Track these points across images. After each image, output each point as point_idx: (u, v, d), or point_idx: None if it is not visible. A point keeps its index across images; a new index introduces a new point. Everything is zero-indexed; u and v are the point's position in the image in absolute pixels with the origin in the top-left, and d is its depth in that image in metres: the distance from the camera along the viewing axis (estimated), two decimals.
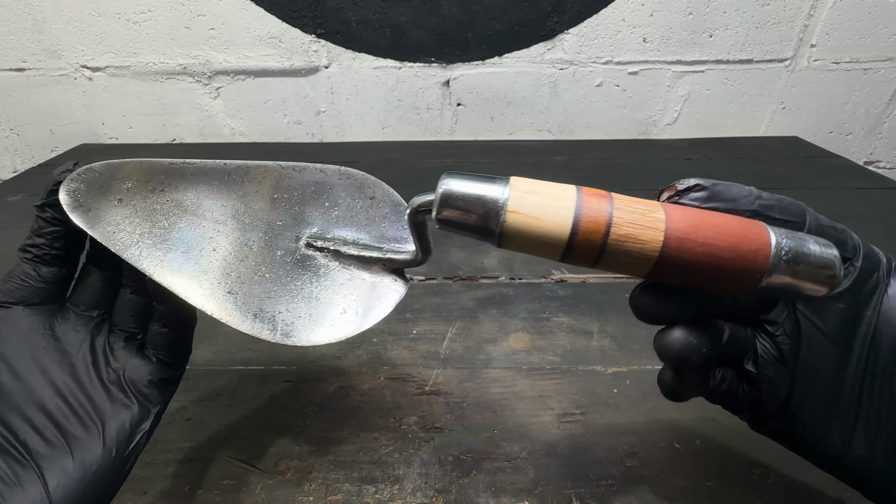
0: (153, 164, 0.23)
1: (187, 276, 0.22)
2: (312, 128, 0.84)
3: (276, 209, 0.25)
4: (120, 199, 0.23)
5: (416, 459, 0.29)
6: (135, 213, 0.23)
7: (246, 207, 0.24)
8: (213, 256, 0.23)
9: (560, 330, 0.40)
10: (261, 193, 0.25)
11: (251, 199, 0.25)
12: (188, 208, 0.24)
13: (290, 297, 0.23)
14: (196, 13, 0.73)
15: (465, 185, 0.17)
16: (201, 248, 0.23)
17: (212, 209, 0.24)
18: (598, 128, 0.84)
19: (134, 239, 0.22)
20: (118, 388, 0.22)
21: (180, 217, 0.23)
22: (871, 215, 0.58)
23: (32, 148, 0.85)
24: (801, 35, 0.76)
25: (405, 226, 0.25)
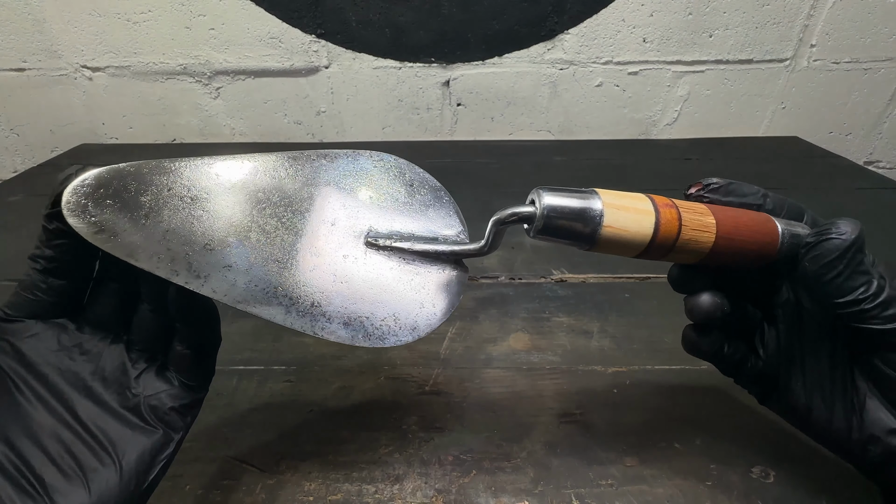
0: (162, 168, 0.21)
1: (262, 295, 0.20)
2: (312, 128, 0.84)
3: (322, 208, 0.23)
4: (147, 217, 0.20)
5: (416, 459, 0.29)
6: (172, 232, 0.20)
7: (292, 212, 0.23)
8: (280, 270, 0.21)
9: (560, 330, 0.40)
10: (301, 193, 0.23)
11: (294, 200, 0.23)
12: (230, 219, 0.21)
13: (369, 299, 0.22)
14: (196, 13, 0.73)
15: (564, 201, 0.20)
16: (265, 263, 0.21)
17: (256, 218, 0.22)
18: (598, 128, 0.84)
19: (181, 264, 0.20)
20: (137, 414, 0.20)
21: (225, 230, 0.21)
22: (871, 215, 0.58)
23: (33, 148, 0.85)
24: (801, 35, 0.76)
25: (449, 212, 0.25)
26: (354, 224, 0.24)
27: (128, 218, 0.20)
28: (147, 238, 0.20)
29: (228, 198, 0.22)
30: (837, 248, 0.19)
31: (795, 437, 0.29)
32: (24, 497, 0.17)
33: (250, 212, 0.22)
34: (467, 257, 0.24)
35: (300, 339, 0.39)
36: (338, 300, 0.22)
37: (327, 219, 0.23)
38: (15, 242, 0.54)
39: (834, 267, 0.19)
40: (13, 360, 0.20)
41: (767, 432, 0.30)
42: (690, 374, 0.35)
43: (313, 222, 0.23)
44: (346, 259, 0.23)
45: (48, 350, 0.20)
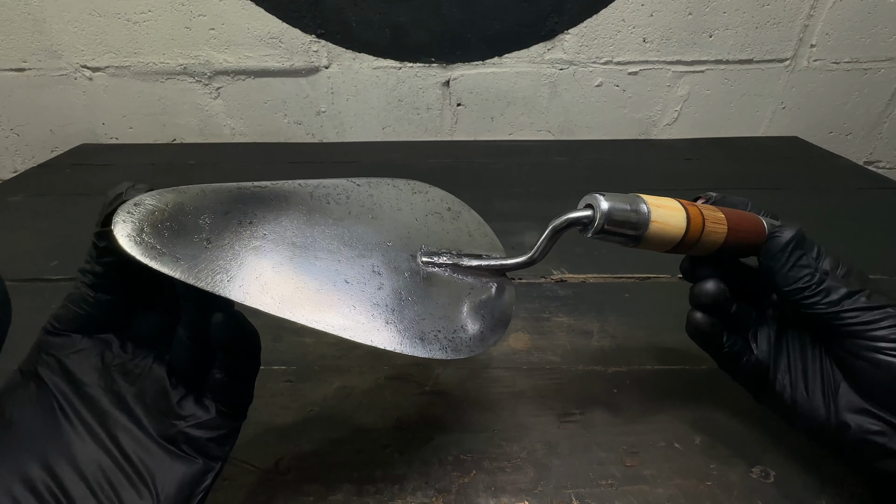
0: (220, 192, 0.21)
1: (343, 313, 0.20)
2: (312, 128, 0.84)
3: (376, 230, 0.24)
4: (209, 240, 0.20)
5: (416, 459, 0.29)
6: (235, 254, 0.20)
7: (349, 232, 0.23)
8: (349, 289, 0.21)
9: (560, 330, 0.40)
10: (354, 215, 0.24)
11: (348, 222, 0.24)
12: (293, 241, 0.22)
13: (438, 315, 0.23)
14: (196, 13, 0.73)
15: (619, 204, 0.23)
16: (333, 282, 0.21)
17: (317, 238, 0.22)
18: (598, 128, 0.84)
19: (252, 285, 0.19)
20: (176, 444, 0.20)
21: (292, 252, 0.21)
22: (871, 215, 0.58)
23: (33, 148, 0.85)
24: (801, 35, 0.76)
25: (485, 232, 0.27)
26: (408, 244, 0.25)
27: (188, 243, 0.19)
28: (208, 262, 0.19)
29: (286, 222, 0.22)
30: (779, 245, 0.24)
31: (795, 438, 0.29)
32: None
33: (311, 234, 0.23)
34: (516, 269, 0.26)
35: (300, 339, 0.39)
36: (410, 315, 0.22)
37: (383, 241, 0.24)
38: (15, 242, 0.54)
39: (779, 260, 0.24)
40: (59, 378, 0.19)
41: (767, 432, 0.30)
42: (690, 374, 0.35)
43: (371, 244, 0.24)
44: (409, 277, 0.24)
45: (92, 368, 0.20)
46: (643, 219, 0.23)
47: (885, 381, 0.22)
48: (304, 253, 0.22)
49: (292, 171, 0.73)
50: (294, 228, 0.22)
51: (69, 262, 0.26)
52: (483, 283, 0.25)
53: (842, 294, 0.23)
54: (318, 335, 0.39)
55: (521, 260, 0.25)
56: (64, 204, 0.62)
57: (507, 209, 0.59)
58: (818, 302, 0.23)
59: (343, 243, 0.23)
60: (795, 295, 0.23)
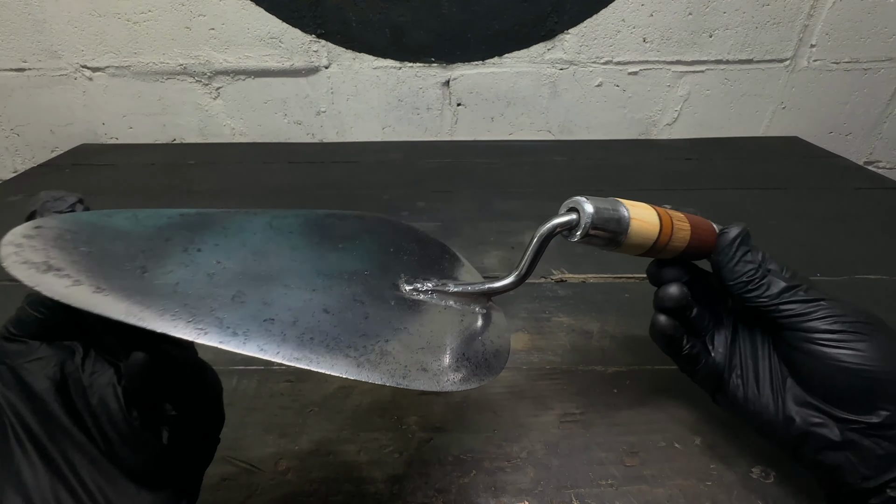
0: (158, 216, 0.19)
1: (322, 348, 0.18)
2: (312, 128, 0.84)
3: (351, 259, 0.22)
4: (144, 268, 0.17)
5: (416, 459, 0.29)
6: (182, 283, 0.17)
7: (322, 261, 0.21)
8: (331, 320, 0.19)
9: (560, 330, 0.40)
10: (322, 245, 0.22)
11: (318, 250, 0.22)
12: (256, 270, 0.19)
13: (429, 342, 0.21)
14: (196, 13, 0.73)
15: (600, 207, 0.23)
16: (311, 313, 0.19)
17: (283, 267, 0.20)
18: (598, 128, 0.84)
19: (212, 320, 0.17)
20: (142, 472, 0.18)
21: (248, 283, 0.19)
22: (871, 215, 0.58)
23: (33, 148, 0.85)
24: (801, 35, 0.76)
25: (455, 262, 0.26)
26: (387, 273, 0.23)
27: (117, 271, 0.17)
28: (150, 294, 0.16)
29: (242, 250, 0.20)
30: (727, 241, 0.26)
31: None
32: None
33: (276, 263, 0.20)
34: (505, 292, 0.25)
35: None
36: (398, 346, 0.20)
37: (360, 269, 0.22)
38: None
39: (726, 255, 0.25)
40: (13, 393, 0.17)
41: None
42: None
43: (349, 273, 0.22)
44: (395, 305, 0.22)
45: (50, 380, 0.17)
46: (624, 219, 0.24)
47: (820, 372, 0.23)
48: (269, 283, 0.19)
49: (292, 170, 0.73)
50: (254, 257, 0.20)
51: None
52: (475, 310, 0.24)
53: (781, 287, 0.24)
54: None
55: (509, 281, 0.25)
56: None
57: (507, 209, 0.59)
58: (760, 295, 0.24)
59: (315, 273, 0.21)
60: (740, 288, 0.25)
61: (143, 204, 0.63)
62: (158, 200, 0.64)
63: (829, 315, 0.23)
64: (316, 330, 0.18)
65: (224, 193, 0.66)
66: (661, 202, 0.27)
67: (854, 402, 0.22)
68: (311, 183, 0.69)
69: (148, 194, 0.66)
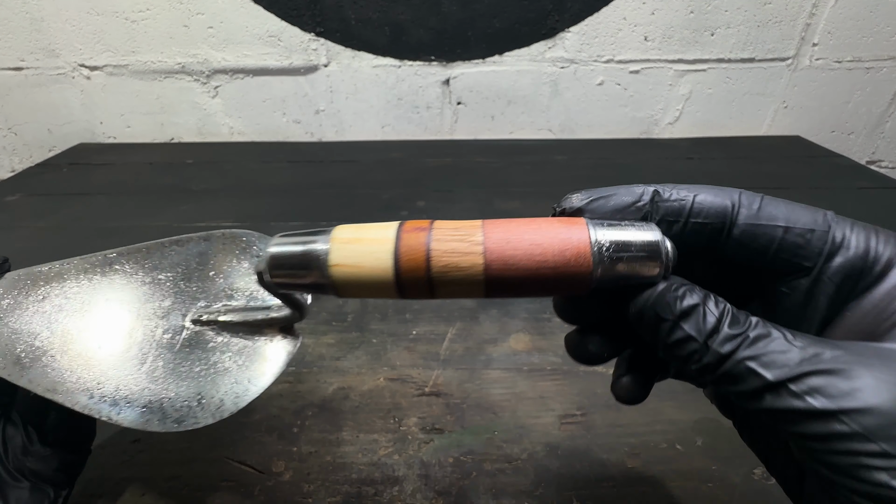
0: (29, 274, 0.23)
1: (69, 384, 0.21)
2: (311, 127, 0.83)
3: (160, 290, 0.24)
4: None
5: (416, 461, 0.29)
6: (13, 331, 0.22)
7: (131, 295, 0.23)
8: (98, 354, 0.22)
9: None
10: (143, 278, 0.24)
11: (133, 285, 0.24)
12: (71, 309, 0.23)
13: (177, 381, 0.21)
14: (194, 11, 0.73)
15: (289, 246, 0.18)
16: (84, 348, 0.22)
17: (93, 304, 0.23)
18: (600, 127, 0.84)
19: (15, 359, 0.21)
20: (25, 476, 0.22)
21: (64, 321, 0.22)
22: (873, 215, 0.58)
23: (30, 147, 0.85)
24: (803, 34, 0.76)
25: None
26: (187, 303, 0.23)
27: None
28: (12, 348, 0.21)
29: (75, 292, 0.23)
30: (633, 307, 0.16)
31: None
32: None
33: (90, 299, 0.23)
34: (284, 324, 0.23)
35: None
36: (144, 383, 0.21)
37: (160, 302, 0.23)
38: (13, 242, 0.53)
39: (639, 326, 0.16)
40: None
41: None
42: None
43: (146, 306, 0.23)
44: (168, 340, 0.22)
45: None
46: (318, 264, 0.17)
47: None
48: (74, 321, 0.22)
49: (291, 169, 0.73)
50: (79, 298, 0.23)
51: None
52: (255, 341, 0.22)
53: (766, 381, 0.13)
54: (316, 335, 0.39)
55: (285, 315, 0.22)
56: (61, 203, 0.62)
57: (507, 209, 0.59)
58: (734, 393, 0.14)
59: (120, 306, 0.23)
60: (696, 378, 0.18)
61: (142, 203, 0.63)
62: (156, 200, 0.63)
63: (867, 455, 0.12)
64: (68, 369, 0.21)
65: (222, 193, 0.66)
66: None
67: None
68: (311, 182, 0.69)
69: (146, 194, 0.65)
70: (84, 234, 0.55)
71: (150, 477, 0.28)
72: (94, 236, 0.54)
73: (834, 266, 0.16)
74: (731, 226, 0.17)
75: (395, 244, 0.16)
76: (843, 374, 0.13)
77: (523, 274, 0.16)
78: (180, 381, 0.21)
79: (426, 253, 0.16)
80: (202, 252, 0.24)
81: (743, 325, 0.14)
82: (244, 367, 0.22)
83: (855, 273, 0.16)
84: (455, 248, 0.16)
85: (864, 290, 0.16)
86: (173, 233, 0.25)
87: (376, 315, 0.41)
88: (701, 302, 0.15)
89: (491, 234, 0.16)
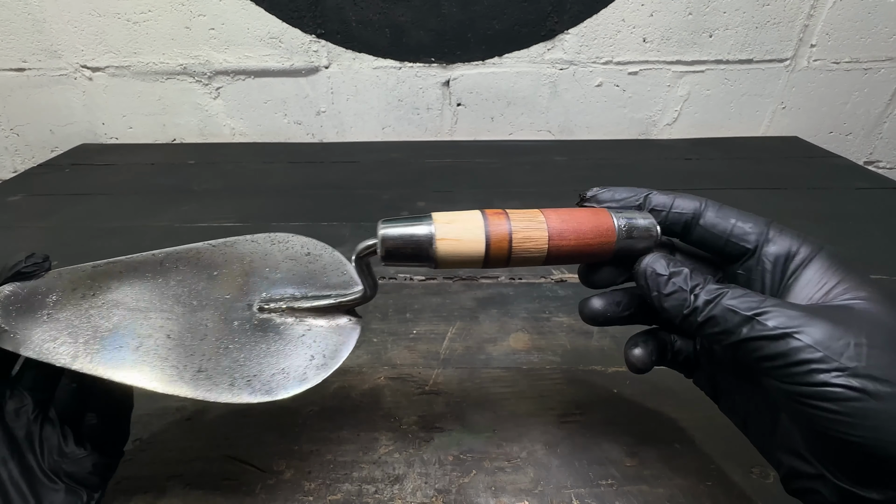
0: (75, 272, 0.24)
1: (148, 368, 0.23)
2: (312, 128, 0.84)
3: (219, 285, 0.26)
4: (49, 314, 0.23)
5: (416, 459, 0.29)
6: (69, 323, 0.23)
7: (189, 290, 0.25)
8: (169, 343, 0.24)
9: (560, 330, 0.40)
10: (199, 275, 0.26)
11: (191, 281, 0.26)
12: (128, 305, 0.24)
13: (258, 359, 0.24)
14: (196, 13, 0.73)
15: (394, 230, 0.22)
16: (155, 338, 0.24)
17: (152, 300, 0.25)
18: (598, 128, 0.84)
19: (78, 349, 0.22)
20: (60, 477, 0.23)
21: (122, 315, 0.24)
22: (871, 215, 0.58)
23: (32, 148, 0.85)
24: (801, 35, 0.76)
25: (343, 271, 0.26)
26: (249, 295, 0.26)
27: (30, 319, 0.23)
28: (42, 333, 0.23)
29: (127, 289, 0.25)
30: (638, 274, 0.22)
31: None
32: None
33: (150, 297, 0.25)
34: (354, 306, 0.25)
35: None
36: (226, 363, 0.23)
37: (222, 294, 0.26)
38: (14, 242, 0.54)
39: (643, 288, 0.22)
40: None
41: None
42: None
43: (208, 299, 0.25)
44: (238, 326, 0.25)
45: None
46: (425, 240, 0.22)
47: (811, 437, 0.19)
48: (135, 315, 0.24)
49: (292, 170, 0.73)
50: (134, 294, 0.25)
51: (68, 261, 0.26)
52: (320, 324, 0.25)
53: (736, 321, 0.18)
54: None
55: (353, 297, 0.25)
56: (64, 204, 0.62)
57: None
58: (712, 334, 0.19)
59: (176, 302, 0.25)
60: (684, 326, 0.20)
61: (144, 204, 0.63)
62: (158, 200, 0.64)
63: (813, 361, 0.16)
64: (149, 353, 0.23)
65: (224, 193, 0.66)
66: None
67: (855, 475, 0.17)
68: (311, 183, 0.69)
69: (147, 194, 0.66)
70: (86, 234, 0.55)
71: (150, 476, 0.28)
72: (95, 236, 0.54)
73: (769, 251, 0.22)
74: (699, 217, 0.23)
75: (485, 226, 0.22)
76: (793, 308, 0.18)
77: (572, 245, 0.23)
78: (261, 360, 0.24)
79: (509, 233, 0.22)
80: (251, 251, 0.27)
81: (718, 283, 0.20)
82: (320, 345, 0.24)
83: (783, 258, 0.21)
84: (528, 227, 0.22)
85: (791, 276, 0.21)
86: (175, 233, 0.26)
87: (377, 314, 0.42)
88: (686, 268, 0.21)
89: (549, 218, 0.23)
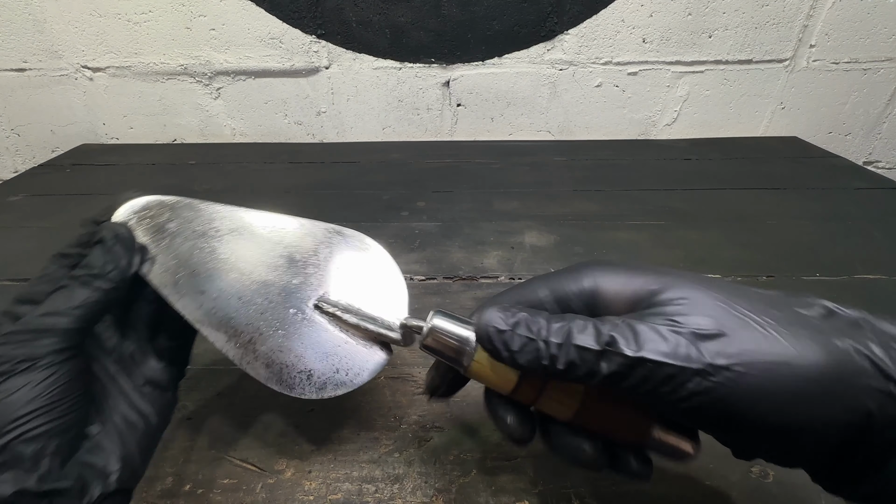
0: (197, 205, 0.27)
1: (216, 322, 0.25)
2: (313, 128, 0.84)
3: (293, 268, 0.27)
4: (168, 244, 0.26)
5: (415, 459, 0.29)
6: (177, 254, 0.25)
7: (271, 263, 0.27)
8: (237, 305, 0.25)
9: None
10: (282, 252, 0.27)
11: (277, 253, 0.27)
12: (227, 258, 0.26)
13: (296, 353, 0.25)
14: (197, 14, 0.73)
15: (445, 325, 0.23)
16: (228, 296, 0.25)
17: (245, 259, 0.27)
18: (598, 128, 0.84)
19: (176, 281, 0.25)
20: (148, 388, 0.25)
21: (218, 265, 0.26)
22: (870, 216, 0.58)
23: (33, 148, 0.85)
24: (801, 35, 0.76)
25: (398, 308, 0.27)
26: (311, 289, 0.27)
27: (151, 238, 0.26)
28: (162, 257, 0.25)
29: (228, 239, 0.27)
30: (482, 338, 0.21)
31: None
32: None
33: (241, 254, 0.27)
34: (388, 343, 0.26)
35: None
36: (270, 344, 0.25)
37: (291, 279, 0.27)
38: (15, 242, 0.54)
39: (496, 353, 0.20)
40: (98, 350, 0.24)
41: None
42: None
43: (280, 278, 0.27)
44: (292, 314, 0.26)
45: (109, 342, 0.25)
46: (466, 352, 0.22)
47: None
48: (224, 266, 0.26)
49: (293, 170, 0.74)
50: (236, 249, 0.27)
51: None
52: (357, 343, 0.26)
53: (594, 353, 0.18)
54: None
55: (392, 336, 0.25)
56: (64, 204, 0.62)
57: (507, 209, 0.59)
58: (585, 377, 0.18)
59: (259, 268, 0.27)
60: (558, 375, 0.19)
61: None
62: None
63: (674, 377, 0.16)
64: (222, 309, 0.25)
65: (224, 193, 0.66)
66: (661, 202, 0.27)
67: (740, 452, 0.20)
68: (312, 183, 0.69)
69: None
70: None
71: (151, 475, 0.28)
72: None
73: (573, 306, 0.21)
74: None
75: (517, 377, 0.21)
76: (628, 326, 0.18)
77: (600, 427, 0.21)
78: (299, 354, 0.25)
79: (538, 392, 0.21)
80: (331, 244, 0.28)
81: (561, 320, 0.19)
82: (349, 362, 0.25)
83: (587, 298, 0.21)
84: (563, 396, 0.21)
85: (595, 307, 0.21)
86: None
87: None
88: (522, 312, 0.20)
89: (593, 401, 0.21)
